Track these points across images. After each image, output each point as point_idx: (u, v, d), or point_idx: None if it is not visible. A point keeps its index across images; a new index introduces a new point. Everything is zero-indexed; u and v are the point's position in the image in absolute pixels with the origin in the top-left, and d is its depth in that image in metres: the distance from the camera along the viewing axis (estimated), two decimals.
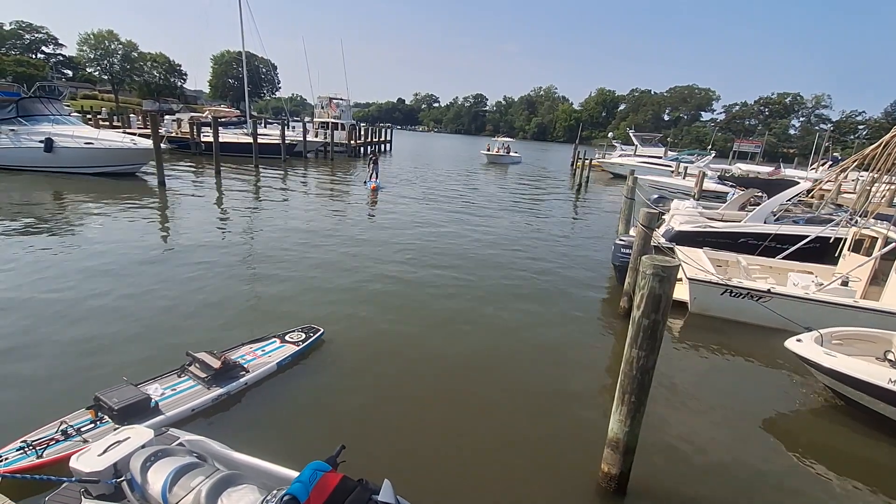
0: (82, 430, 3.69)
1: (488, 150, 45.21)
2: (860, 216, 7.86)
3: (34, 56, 70.41)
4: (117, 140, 18.47)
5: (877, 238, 7.52)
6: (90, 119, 30.58)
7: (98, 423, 3.79)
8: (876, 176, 5.75)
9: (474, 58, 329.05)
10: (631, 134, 48.60)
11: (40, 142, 16.91)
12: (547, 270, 10.11)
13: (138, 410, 3.90)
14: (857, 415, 5.24)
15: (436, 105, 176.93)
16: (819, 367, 5.16)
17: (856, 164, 6.13)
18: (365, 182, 20.47)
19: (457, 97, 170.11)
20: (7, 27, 69.91)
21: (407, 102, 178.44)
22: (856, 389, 5.02)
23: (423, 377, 5.46)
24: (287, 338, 5.68)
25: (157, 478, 2.61)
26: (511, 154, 44.25)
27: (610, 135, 72.05)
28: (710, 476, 4.19)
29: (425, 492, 3.66)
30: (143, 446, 2.90)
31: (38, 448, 3.45)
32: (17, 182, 15.64)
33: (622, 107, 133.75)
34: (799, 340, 5.45)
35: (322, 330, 5.95)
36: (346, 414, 4.64)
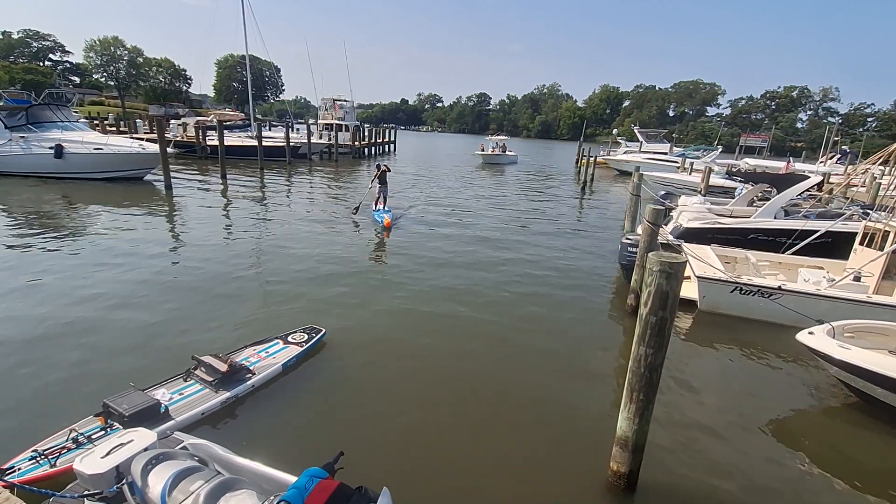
0: (93, 437, 3.69)
1: (482, 150, 40.97)
2: (882, 211, 7.74)
3: (42, 64, 71.55)
4: (126, 145, 18.67)
5: (889, 232, 7.40)
6: (97, 125, 30.91)
7: (108, 429, 3.78)
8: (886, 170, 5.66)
9: (477, 58, 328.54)
10: (636, 130, 48.22)
11: (50, 148, 17.09)
12: (552, 270, 10.05)
13: (148, 416, 3.89)
14: (870, 410, 5.16)
15: (439, 105, 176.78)
16: (831, 360, 5.08)
17: (880, 161, 6.04)
18: (356, 209, 14.20)
19: (460, 97, 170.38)
20: (15, 35, 71.02)
21: (410, 103, 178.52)
22: (869, 382, 4.94)
23: (425, 378, 5.44)
24: (290, 339, 5.68)
25: (156, 481, 2.61)
26: (507, 153, 40.69)
27: (615, 131, 71.60)
28: (721, 474, 4.14)
29: (427, 498, 3.64)
30: (145, 449, 2.90)
31: (50, 457, 3.45)
32: (28, 188, 15.83)
33: (626, 103, 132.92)
34: (811, 333, 5.38)
35: (324, 330, 5.95)
36: (347, 417, 4.62)
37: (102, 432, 3.76)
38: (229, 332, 6.14)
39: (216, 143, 22.50)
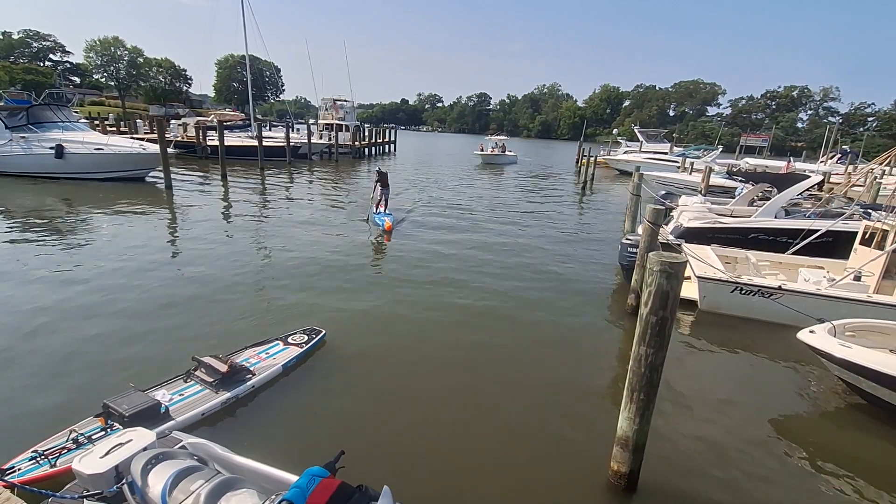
0: (93, 437, 3.69)
1: (482, 150, 40.98)
2: (888, 211, 7.73)
3: (42, 64, 71.53)
4: (126, 146, 18.67)
5: (889, 231, 7.40)
6: (97, 125, 30.94)
7: (109, 430, 3.78)
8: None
9: (477, 58, 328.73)
10: (636, 130, 48.19)
11: (51, 148, 17.09)
12: (552, 270, 10.05)
13: (149, 416, 3.89)
14: (870, 409, 5.16)
15: (439, 105, 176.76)
16: (832, 359, 5.07)
17: (887, 161, 6.05)
18: (367, 218, 13.37)
19: (460, 97, 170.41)
20: (15, 36, 71.04)
21: (411, 103, 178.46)
22: (870, 380, 4.93)
23: (425, 378, 5.44)
24: (289, 340, 5.68)
25: (157, 481, 2.61)
26: (507, 153, 40.52)
27: (615, 131, 71.60)
28: (721, 474, 4.13)
29: (428, 497, 3.64)
30: (144, 449, 2.90)
31: (50, 457, 3.45)
32: (28, 188, 15.83)
33: (627, 103, 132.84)
34: (812, 332, 5.38)
35: (324, 331, 5.95)
36: (348, 417, 4.62)
37: (103, 433, 3.75)
38: (229, 332, 6.13)
39: (216, 143, 22.50)
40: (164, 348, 5.64)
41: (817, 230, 9.17)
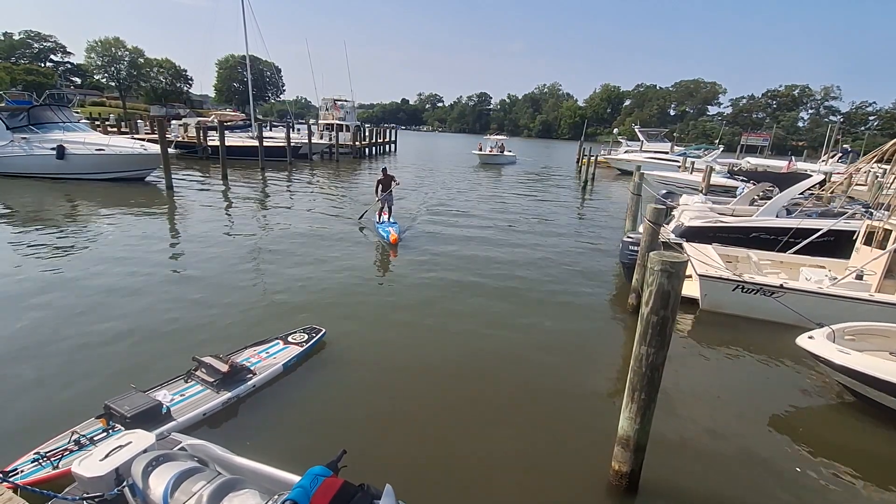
0: (95, 438, 3.69)
1: (480, 149, 40.87)
2: (883, 209, 7.71)
3: (43, 65, 71.52)
4: (128, 146, 18.70)
5: (891, 230, 7.38)
6: (98, 125, 30.97)
7: (110, 431, 3.78)
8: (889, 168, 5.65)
9: (477, 58, 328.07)
10: (636, 129, 48.12)
11: (52, 149, 17.13)
12: (553, 270, 10.04)
13: (150, 417, 3.89)
14: (871, 412, 5.14)
15: (440, 105, 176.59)
16: (832, 365, 5.06)
17: (875, 159, 6.03)
18: (361, 216, 13.48)
19: (461, 96, 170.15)
20: (17, 37, 71.09)
21: (411, 103, 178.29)
22: (869, 386, 4.92)
23: (426, 377, 5.43)
24: (290, 339, 5.68)
25: (158, 483, 2.60)
26: (506, 153, 40.28)
27: (615, 131, 71.54)
28: (722, 473, 4.13)
29: (430, 496, 3.64)
30: (144, 451, 2.89)
31: (52, 459, 3.45)
32: (29, 189, 15.85)
33: (627, 102, 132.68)
34: (811, 337, 5.35)
35: (324, 330, 5.95)
36: (349, 416, 4.63)
37: (104, 434, 3.75)
38: (229, 332, 6.14)
39: (217, 143, 22.52)
40: (165, 348, 5.65)
41: (819, 229, 9.15)
